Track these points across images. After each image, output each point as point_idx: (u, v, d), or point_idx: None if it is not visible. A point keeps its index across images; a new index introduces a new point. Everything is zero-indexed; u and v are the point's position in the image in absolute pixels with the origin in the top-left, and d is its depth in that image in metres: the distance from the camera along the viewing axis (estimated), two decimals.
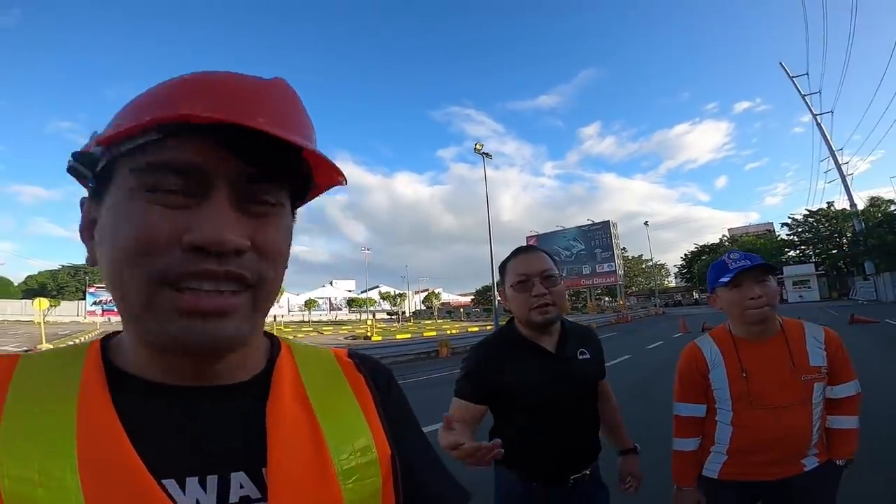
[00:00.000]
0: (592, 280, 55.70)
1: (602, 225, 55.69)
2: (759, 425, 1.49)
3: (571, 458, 1.47)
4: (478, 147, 23.84)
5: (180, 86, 0.40)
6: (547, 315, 1.43)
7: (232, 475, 0.40)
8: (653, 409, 5.71)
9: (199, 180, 0.38)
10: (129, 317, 0.39)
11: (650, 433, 3.25)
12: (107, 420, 0.37)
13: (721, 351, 1.59)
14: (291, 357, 0.51)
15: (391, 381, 0.58)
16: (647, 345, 13.78)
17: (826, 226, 51.19)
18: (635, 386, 7.45)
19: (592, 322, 26.00)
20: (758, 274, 1.50)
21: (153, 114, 0.37)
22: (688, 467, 1.63)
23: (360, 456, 0.46)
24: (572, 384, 1.46)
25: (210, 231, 0.37)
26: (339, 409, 0.48)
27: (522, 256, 1.51)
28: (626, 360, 10.61)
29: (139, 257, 0.37)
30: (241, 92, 0.39)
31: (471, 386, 1.46)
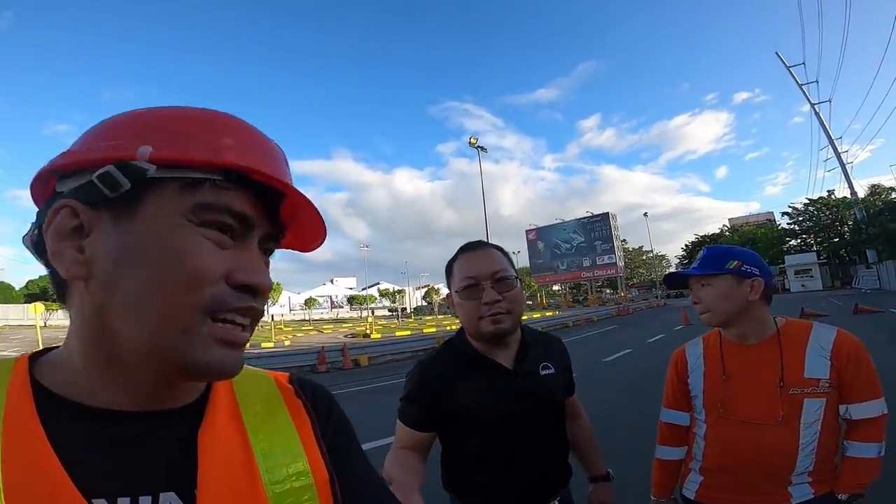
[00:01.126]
0: (593, 272, 55.42)
1: (601, 217, 55.35)
2: (729, 441, 1.33)
3: (534, 489, 1.25)
4: (472, 141, 23.64)
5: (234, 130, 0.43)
6: (500, 325, 1.20)
7: (161, 495, 0.41)
8: (654, 407, 5.54)
9: (245, 228, 0.43)
10: (158, 340, 0.40)
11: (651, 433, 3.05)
12: (34, 441, 0.37)
13: (705, 353, 1.44)
14: (229, 382, 0.51)
15: (332, 405, 0.58)
16: (648, 338, 13.58)
17: (827, 214, 50.87)
18: (635, 383, 7.26)
19: (593, 315, 25.88)
20: (698, 277, 1.39)
21: (223, 157, 0.40)
22: (665, 477, 1.53)
23: (295, 480, 0.46)
24: (532, 405, 1.25)
25: (260, 276, 0.42)
26: (275, 434, 0.49)
27: (469, 255, 1.28)
28: (627, 355, 10.45)
29: (193, 287, 0.39)
30: (276, 155, 0.45)
31: (414, 410, 1.25)
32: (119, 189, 0.39)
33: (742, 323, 1.35)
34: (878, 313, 13.50)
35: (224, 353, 0.41)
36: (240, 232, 0.43)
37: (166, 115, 0.43)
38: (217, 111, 0.44)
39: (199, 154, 0.40)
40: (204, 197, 0.40)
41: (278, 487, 0.45)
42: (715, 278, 1.35)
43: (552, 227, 60.72)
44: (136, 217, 0.40)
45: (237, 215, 0.42)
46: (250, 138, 0.44)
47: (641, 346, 11.94)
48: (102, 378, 0.42)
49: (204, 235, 0.40)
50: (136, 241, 0.40)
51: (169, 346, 0.40)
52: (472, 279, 1.23)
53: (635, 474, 1.56)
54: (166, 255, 0.39)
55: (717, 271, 1.34)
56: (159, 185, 0.40)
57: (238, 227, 0.42)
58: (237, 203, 0.41)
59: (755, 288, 1.32)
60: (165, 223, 0.40)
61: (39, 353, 0.46)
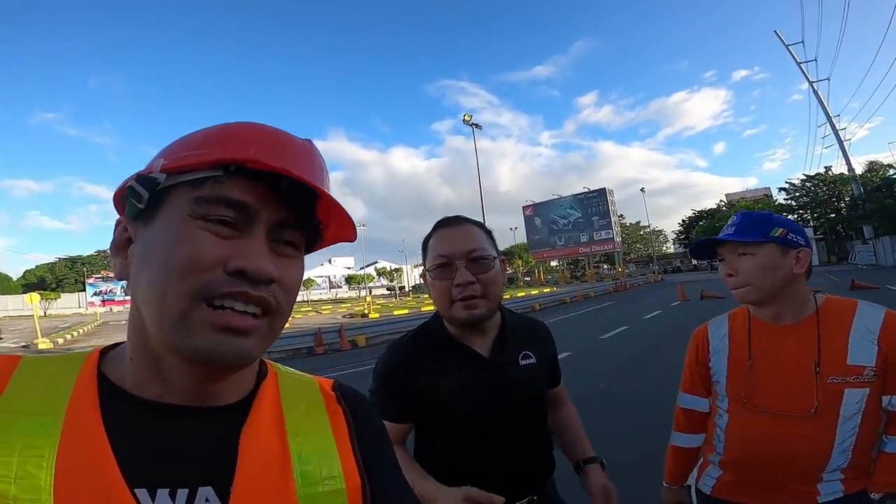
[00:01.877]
0: (590, 248, 55.53)
1: (598, 192, 55.11)
2: (754, 435, 1.19)
3: (510, 485, 1.12)
4: (466, 118, 23.28)
5: (239, 131, 0.45)
6: (473, 311, 1.10)
7: (199, 489, 0.43)
8: (650, 385, 5.58)
9: (247, 217, 0.44)
10: (160, 326, 0.42)
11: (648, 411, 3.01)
12: (92, 429, 0.41)
13: (730, 334, 1.28)
14: (276, 384, 0.53)
15: (371, 416, 0.59)
16: (645, 314, 13.65)
17: (824, 190, 50.71)
18: (630, 361, 7.27)
19: (591, 291, 25.96)
20: (736, 245, 1.20)
21: (219, 153, 0.43)
22: (679, 466, 1.41)
23: (326, 484, 0.48)
24: (508, 397, 1.15)
25: (255, 261, 0.43)
26: (313, 438, 0.50)
27: (444, 231, 1.16)
28: (623, 332, 10.47)
29: (186, 275, 0.41)
30: (291, 147, 0.45)
31: (385, 400, 1.16)
32: (142, 200, 0.44)
33: (780, 300, 1.18)
34: (874, 289, 13.52)
35: (218, 339, 0.42)
36: (242, 221, 0.44)
37: (198, 132, 0.47)
38: (249, 122, 0.47)
39: (198, 157, 0.43)
40: (202, 192, 0.43)
41: (310, 490, 0.46)
42: (757, 247, 1.16)
43: (549, 202, 60.52)
44: (155, 221, 0.44)
45: (236, 204, 0.43)
46: (255, 135, 0.45)
47: (638, 323, 11.98)
48: (147, 370, 0.45)
49: (201, 227, 0.42)
50: (151, 240, 0.44)
51: (169, 332, 0.42)
52: (445, 258, 1.12)
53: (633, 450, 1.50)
54: (166, 247, 0.42)
55: (761, 239, 1.16)
56: (173, 191, 0.44)
57: (239, 217, 0.43)
58: (235, 192, 0.43)
59: (801, 260, 1.16)
60: (171, 220, 0.43)
61: (111, 346, 0.50)
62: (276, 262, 0.45)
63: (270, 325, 0.45)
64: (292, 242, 0.48)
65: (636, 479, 1.79)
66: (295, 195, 0.44)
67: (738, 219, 1.22)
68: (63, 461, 0.38)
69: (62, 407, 0.41)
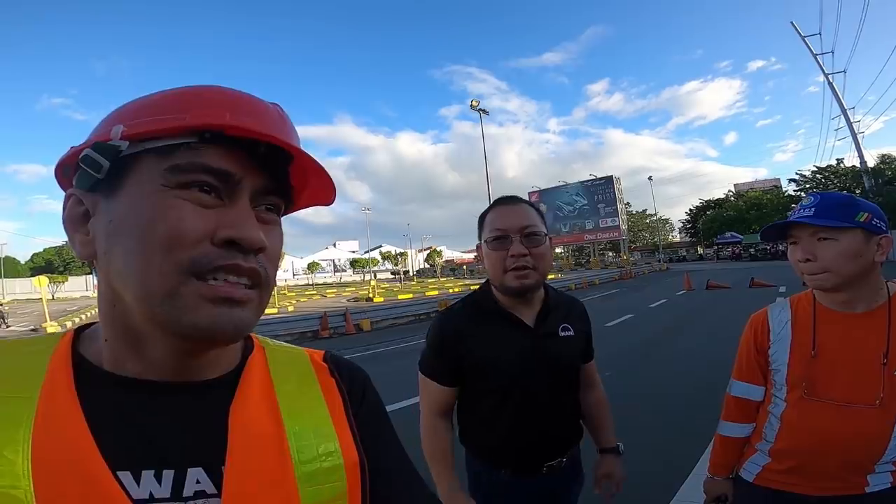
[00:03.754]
0: (596, 235, 55.24)
1: (605, 180, 54.58)
2: (812, 424, 1.16)
3: (544, 446, 1.29)
4: (473, 103, 23.00)
5: (208, 95, 0.42)
6: (525, 280, 1.22)
7: (189, 470, 0.41)
8: (656, 373, 5.59)
9: (230, 185, 0.41)
10: (147, 306, 0.40)
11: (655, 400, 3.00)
12: (68, 411, 0.39)
13: (793, 321, 1.23)
14: (263, 357, 0.51)
15: (367, 386, 0.57)
16: (651, 303, 13.62)
17: (835, 182, 49.98)
18: (636, 349, 7.27)
19: (596, 278, 25.88)
20: (817, 229, 1.12)
21: (192, 119, 0.40)
22: (726, 456, 1.36)
23: (324, 460, 0.46)
24: (548, 365, 1.27)
25: (245, 230, 0.41)
26: (307, 413, 0.48)
27: (502, 208, 1.29)
28: (628, 320, 10.45)
29: (171, 249, 0.39)
30: (265, 112, 0.43)
31: (435, 362, 1.31)
32: (101, 169, 0.40)
33: (855, 288, 1.13)
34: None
35: (216, 312, 0.40)
36: (224, 189, 0.41)
37: (149, 96, 0.44)
38: (202, 85, 0.44)
39: (167, 122, 0.40)
40: (176, 160, 0.40)
41: (308, 467, 0.45)
42: (841, 232, 1.10)
43: (555, 189, 60.05)
44: (120, 192, 0.41)
45: (217, 172, 0.41)
46: (227, 99, 0.43)
47: (644, 311, 11.95)
48: (125, 347, 0.43)
49: (180, 197, 0.40)
50: (121, 214, 0.41)
51: (157, 310, 0.39)
52: (502, 231, 1.24)
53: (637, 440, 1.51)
54: (142, 221, 0.40)
55: (847, 224, 1.09)
56: (138, 159, 0.41)
57: (221, 185, 0.41)
58: (215, 160, 0.40)
59: (883, 247, 1.11)
60: (143, 192, 0.40)
61: (85, 326, 0.48)
62: (261, 228, 0.43)
63: (260, 296, 0.44)
64: (273, 207, 0.46)
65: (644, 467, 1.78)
66: (273, 160, 0.43)
67: (817, 200, 1.15)
68: (39, 444, 0.36)
69: (35, 389, 0.39)
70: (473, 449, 1.34)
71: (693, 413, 4.09)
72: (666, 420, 4.10)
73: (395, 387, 5.43)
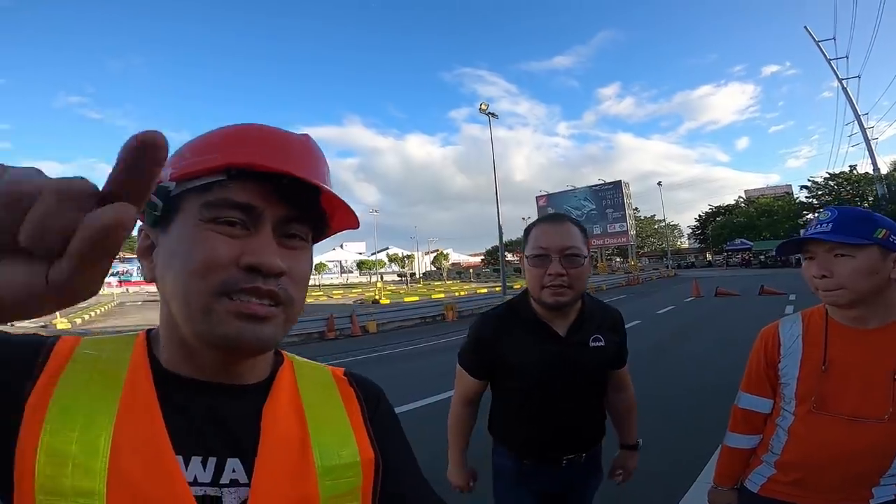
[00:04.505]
0: (603, 240, 55.04)
1: (614, 185, 54.50)
2: (820, 438, 1.16)
3: (566, 442, 1.40)
4: (483, 107, 22.99)
5: (238, 135, 0.48)
6: (560, 298, 1.29)
7: (228, 460, 0.48)
8: (661, 381, 5.56)
9: (253, 216, 0.47)
10: (189, 320, 0.46)
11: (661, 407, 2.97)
12: (147, 399, 0.46)
13: (804, 335, 1.23)
14: (292, 370, 0.58)
15: (381, 398, 0.64)
16: (658, 309, 13.56)
17: (847, 189, 49.34)
18: (642, 355, 7.21)
19: (603, 283, 25.76)
20: (833, 245, 1.11)
21: (221, 159, 0.46)
22: (731, 467, 1.36)
23: (342, 458, 0.52)
24: (573, 372, 1.35)
25: (263, 256, 0.46)
26: (328, 416, 0.55)
27: (546, 226, 1.34)
28: (636, 326, 10.39)
29: (205, 273, 0.45)
30: (289, 146, 0.48)
31: (472, 358, 1.44)
32: (158, 208, 0.47)
33: (869, 304, 1.12)
34: None
35: (241, 326, 0.45)
36: (249, 221, 0.47)
37: (199, 138, 0.50)
38: (245, 124, 0.50)
39: (201, 164, 0.46)
40: (209, 196, 0.46)
41: (327, 462, 0.51)
42: (859, 249, 1.09)
43: (563, 193, 60.03)
44: (171, 227, 0.48)
45: (240, 206, 0.46)
46: (256, 138, 0.48)
47: (651, 318, 11.89)
48: (179, 352, 0.50)
49: (212, 230, 0.46)
50: (171, 245, 0.48)
51: (196, 324, 0.46)
52: (544, 250, 1.30)
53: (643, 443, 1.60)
54: (183, 251, 0.46)
55: (865, 241, 1.08)
56: (184, 197, 0.47)
57: (245, 217, 0.47)
58: (240, 195, 0.46)
59: None
60: (185, 226, 0.47)
61: (150, 329, 0.56)
62: (283, 255, 0.48)
63: (286, 313, 0.49)
64: (298, 235, 0.51)
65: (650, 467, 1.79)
66: (297, 191, 0.47)
67: (835, 215, 1.14)
68: (121, 424, 0.43)
69: (122, 377, 0.47)
70: (499, 439, 1.46)
71: (699, 418, 4.06)
72: (672, 424, 4.08)
73: (402, 389, 5.44)
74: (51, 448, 0.41)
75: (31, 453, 0.40)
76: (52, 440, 0.41)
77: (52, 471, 0.40)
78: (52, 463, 0.40)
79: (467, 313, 14.66)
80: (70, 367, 0.46)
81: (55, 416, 0.42)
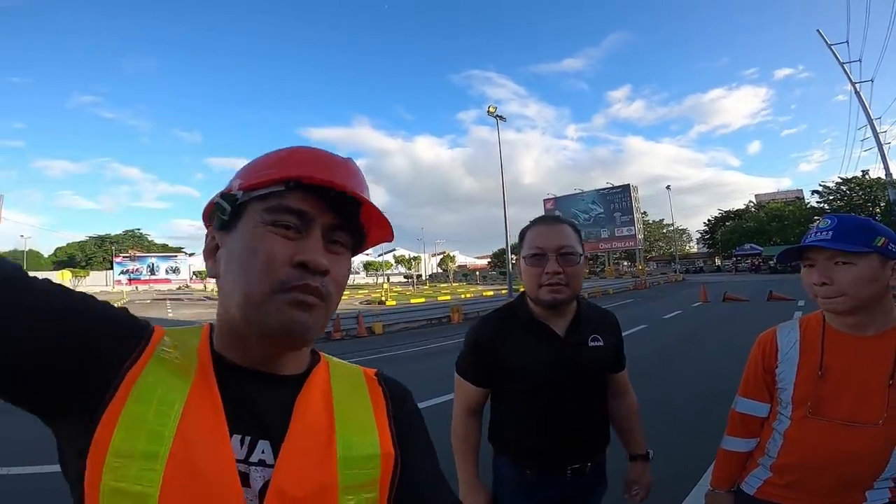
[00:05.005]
0: (611, 244, 54.86)
1: (622, 188, 54.24)
2: (815, 442, 1.18)
3: (570, 450, 1.37)
4: (491, 109, 23.04)
5: (296, 155, 0.56)
6: (557, 295, 1.31)
7: (259, 441, 0.52)
8: (666, 386, 5.56)
9: (306, 221, 0.54)
10: (247, 308, 0.52)
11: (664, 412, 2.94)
12: (210, 382, 0.53)
13: (801, 341, 1.25)
14: (326, 367, 0.64)
15: (407, 399, 0.68)
16: (665, 314, 13.50)
17: (860, 194, 48.89)
18: (646, 360, 7.19)
19: (610, 287, 25.68)
20: (834, 253, 1.13)
21: (280, 172, 0.54)
22: (727, 469, 1.38)
23: (363, 449, 0.56)
24: (575, 372, 1.34)
25: (313, 255, 0.53)
26: (355, 411, 0.60)
27: (541, 227, 1.37)
28: (641, 331, 10.35)
29: (267, 269, 0.52)
30: (335, 165, 0.56)
31: (471, 362, 1.42)
32: (226, 212, 0.56)
33: (867, 311, 1.14)
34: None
35: (292, 314, 0.52)
36: (301, 225, 0.54)
37: (264, 155, 0.59)
38: (299, 147, 0.58)
39: (265, 176, 0.54)
40: (269, 203, 0.54)
41: (348, 453, 0.55)
42: (859, 257, 1.11)
43: (571, 196, 59.88)
44: (236, 230, 0.56)
45: (295, 212, 0.53)
46: (310, 157, 0.56)
47: (657, 322, 11.84)
48: (230, 341, 0.56)
49: (271, 231, 0.53)
50: (233, 246, 0.55)
51: (253, 314, 0.52)
52: (540, 250, 1.32)
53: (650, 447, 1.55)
54: (245, 251, 0.53)
55: (865, 249, 1.10)
56: (249, 204, 0.55)
57: (299, 222, 0.54)
58: (294, 203, 0.53)
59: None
60: (248, 228, 0.54)
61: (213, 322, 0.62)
62: (328, 258, 0.55)
63: (326, 308, 0.55)
64: (341, 242, 0.57)
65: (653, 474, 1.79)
66: (341, 203, 0.55)
67: (835, 223, 1.16)
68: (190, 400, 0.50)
69: (194, 362, 0.54)
70: (501, 448, 1.42)
71: (704, 422, 4.03)
72: (676, 429, 4.08)
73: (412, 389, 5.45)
74: (132, 413, 0.47)
75: (115, 419, 0.46)
76: (134, 406, 0.47)
77: (129, 434, 0.45)
78: (131, 427, 0.46)
79: (473, 315, 14.64)
80: (157, 351, 0.53)
81: (141, 389, 0.48)
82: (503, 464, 1.41)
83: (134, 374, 0.49)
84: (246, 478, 0.50)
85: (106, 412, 0.46)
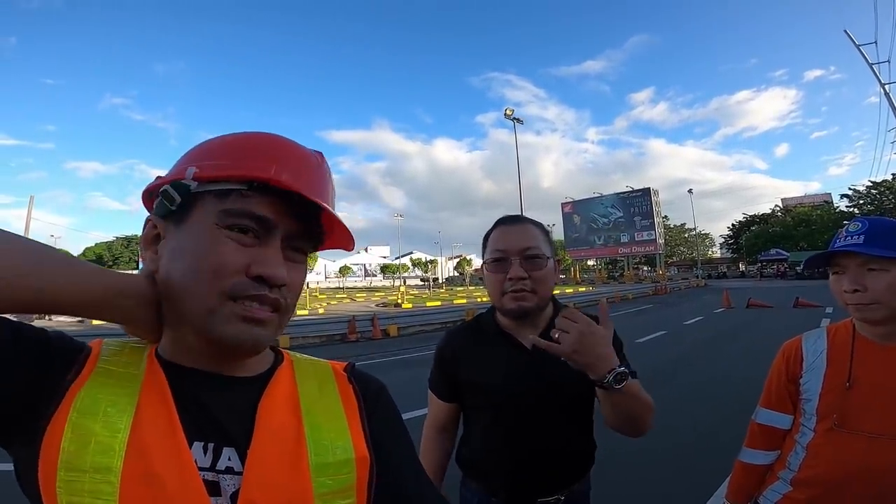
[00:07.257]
0: (631, 248, 53.99)
1: (642, 192, 53.35)
2: (841, 456, 1.11)
3: (538, 476, 1.17)
4: (508, 112, 22.97)
5: (261, 146, 0.52)
6: (523, 303, 1.16)
7: (224, 448, 0.49)
8: (676, 394, 5.37)
9: (266, 228, 0.50)
10: (193, 316, 0.49)
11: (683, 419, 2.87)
12: (161, 388, 0.50)
13: (829, 351, 1.18)
14: (291, 366, 0.60)
15: (381, 395, 0.64)
16: (686, 319, 13.12)
17: (890, 198, 47.28)
18: (665, 367, 7.00)
19: (629, 292, 25.26)
20: (867, 259, 1.06)
21: (245, 169, 0.49)
22: (746, 483, 1.30)
23: (336, 454, 0.53)
24: (545, 387, 1.16)
25: (273, 268, 0.49)
26: (324, 412, 0.56)
27: (503, 228, 1.23)
28: (660, 337, 10.12)
29: (215, 277, 0.48)
30: (305, 165, 0.52)
31: (437, 377, 1.33)
32: (175, 202, 0.50)
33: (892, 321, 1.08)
34: None
35: (242, 328, 0.49)
36: (261, 232, 0.50)
37: (215, 140, 0.54)
38: (269, 134, 0.53)
39: (227, 170, 0.49)
40: (229, 204, 0.49)
41: (321, 458, 0.52)
42: (893, 263, 1.04)
43: (590, 200, 59.17)
44: (185, 223, 0.51)
45: (257, 218, 0.49)
46: (275, 152, 0.51)
47: (678, 328, 11.55)
48: (179, 343, 0.53)
49: (227, 236, 0.49)
50: (182, 241, 0.50)
51: (199, 322, 0.49)
52: (502, 253, 1.19)
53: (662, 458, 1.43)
54: (197, 251, 0.49)
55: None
56: (202, 197, 0.50)
57: (259, 228, 0.50)
58: (257, 207, 0.49)
59: None
60: (201, 227, 0.50)
61: None
62: (286, 265, 0.51)
63: (280, 319, 0.52)
64: (300, 249, 0.54)
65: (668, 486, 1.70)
66: (307, 208, 0.51)
67: (866, 226, 1.09)
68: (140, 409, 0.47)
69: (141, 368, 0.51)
70: (466, 471, 1.29)
71: (720, 433, 3.90)
72: (691, 439, 3.96)
73: (420, 394, 5.41)
74: (77, 426, 0.44)
75: (59, 432, 0.44)
76: (79, 419, 0.44)
77: (76, 447, 0.43)
78: (77, 440, 0.43)
79: None
80: (99, 362, 0.50)
81: (84, 401, 0.46)
82: (469, 490, 1.27)
83: (75, 388, 0.47)
84: (216, 486, 0.48)
85: (49, 427, 0.44)
